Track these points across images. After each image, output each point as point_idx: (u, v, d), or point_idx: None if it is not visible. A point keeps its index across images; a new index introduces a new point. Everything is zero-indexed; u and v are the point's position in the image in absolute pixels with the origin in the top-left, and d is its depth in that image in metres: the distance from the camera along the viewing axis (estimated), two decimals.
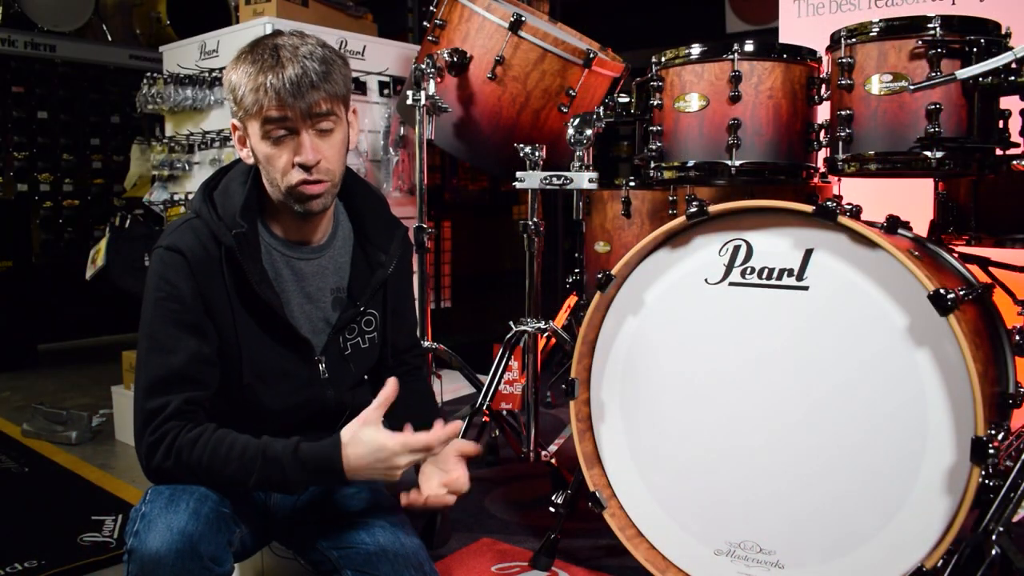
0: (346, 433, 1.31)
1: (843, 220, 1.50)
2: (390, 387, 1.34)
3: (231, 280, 1.38)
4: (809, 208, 1.54)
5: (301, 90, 1.32)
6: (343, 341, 1.53)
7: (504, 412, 2.34)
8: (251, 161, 1.42)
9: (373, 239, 1.55)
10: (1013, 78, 1.56)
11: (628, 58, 2.75)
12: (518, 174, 2.17)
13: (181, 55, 3.46)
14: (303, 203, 1.39)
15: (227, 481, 1.31)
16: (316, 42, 1.38)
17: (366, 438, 1.29)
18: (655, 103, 1.95)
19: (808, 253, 1.58)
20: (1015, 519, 1.44)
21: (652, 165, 1.95)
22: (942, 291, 1.39)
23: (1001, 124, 1.70)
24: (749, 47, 1.82)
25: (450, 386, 3.36)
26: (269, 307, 1.40)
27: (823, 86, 1.88)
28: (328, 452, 1.29)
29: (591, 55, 2.45)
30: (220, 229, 1.37)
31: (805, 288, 1.58)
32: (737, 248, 1.66)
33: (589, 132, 2.07)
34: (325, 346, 1.50)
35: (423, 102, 2.38)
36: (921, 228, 1.91)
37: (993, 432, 1.39)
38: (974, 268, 1.87)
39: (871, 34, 1.68)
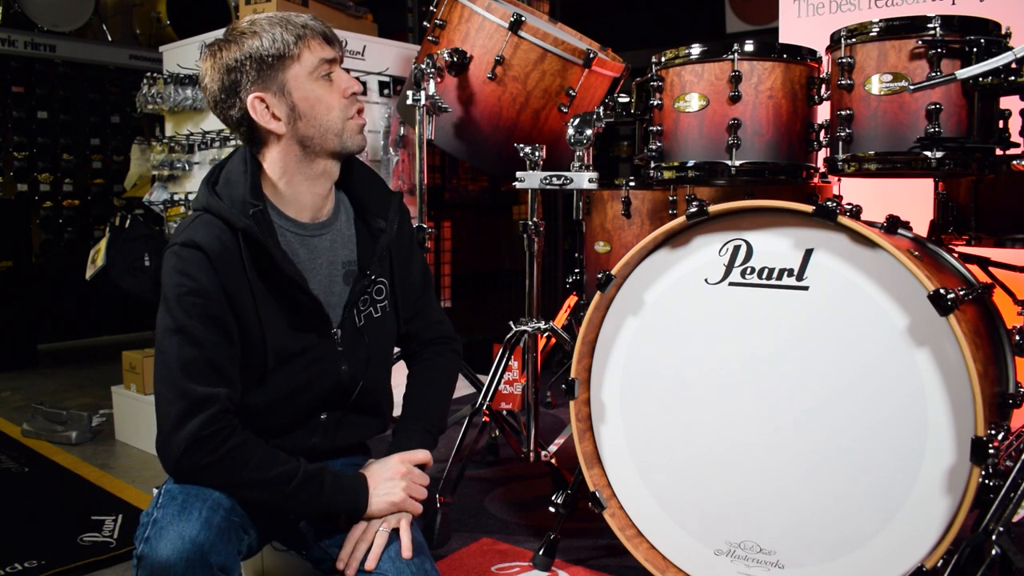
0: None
1: (843, 220, 1.50)
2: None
3: (251, 267, 1.38)
4: (809, 208, 1.54)
5: (331, 34, 1.46)
6: (357, 313, 1.53)
7: (504, 412, 2.34)
8: (283, 130, 1.42)
9: (371, 208, 1.56)
10: (1013, 78, 1.56)
11: (628, 58, 2.75)
12: (518, 174, 2.17)
13: (181, 55, 3.46)
14: (356, 136, 1.47)
15: (261, 488, 1.33)
16: None
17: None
18: (655, 103, 1.95)
19: (808, 253, 1.58)
20: (1015, 519, 1.44)
21: (652, 165, 1.95)
22: (942, 291, 1.39)
23: (1001, 124, 1.70)
24: (749, 47, 1.82)
25: None
26: (294, 285, 1.40)
27: (823, 86, 1.88)
28: (356, 476, 1.46)
29: (591, 55, 2.45)
30: (233, 215, 1.36)
31: (805, 288, 1.58)
32: (737, 248, 1.66)
33: (589, 132, 2.07)
34: (341, 320, 1.50)
35: (423, 102, 2.38)
36: (921, 228, 1.91)
37: (993, 432, 1.39)
38: (974, 268, 1.87)
39: (871, 34, 1.68)
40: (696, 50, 1.86)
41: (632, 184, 2.36)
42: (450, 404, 1.71)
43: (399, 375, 1.69)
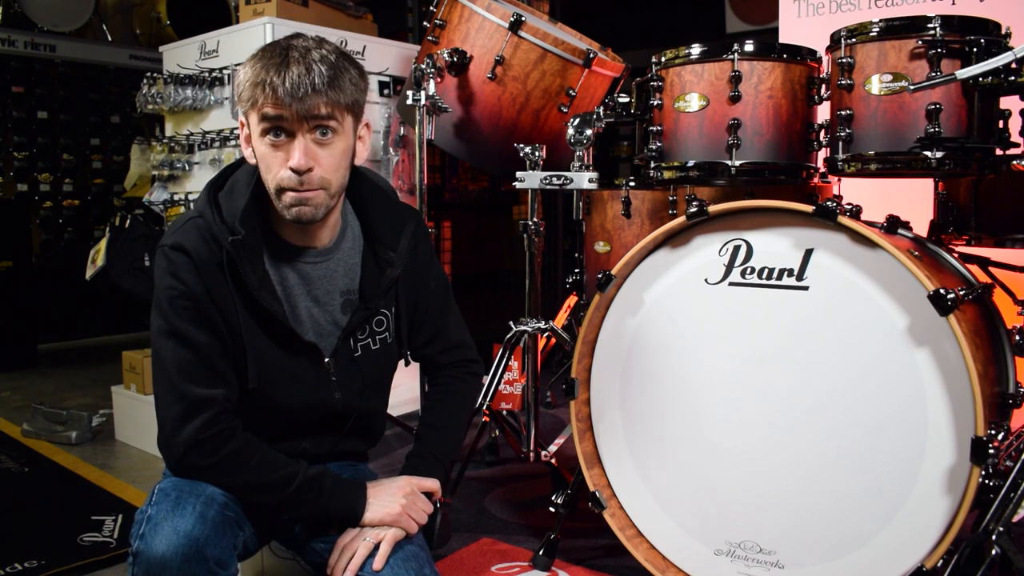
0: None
1: (843, 220, 1.50)
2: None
3: (234, 283, 1.37)
4: (809, 208, 1.54)
5: (299, 92, 1.28)
6: (353, 343, 1.51)
7: (504, 412, 2.34)
8: (254, 161, 1.40)
9: (381, 237, 1.52)
10: (1013, 78, 1.56)
11: (628, 58, 2.75)
12: (518, 174, 2.17)
13: (181, 55, 3.45)
14: (290, 209, 1.35)
15: (261, 491, 1.34)
16: (332, 49, 1.36)
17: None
18: (655, 103, 1.95)
19: (808, 253, 1.58)
20: (1015, 519, 1.44)
21: (652, 165, 1.95)
22: (942, 291, 1.39)
23: (1001, 124, 1.71)
24: (749, 47, 1.82)
25: None
26: (271, 313, 1.39)
27: (823, 86, 1.88)
28: (356, 483, 1.45)
29: (591, 55, 2.45)
30: (221, 233, 1.36)
31: (805, 288, 1.58)
32: (737, 248, 1.66)
33: (589, 132, 2.07)
34: (335, 350, 1.48)
35: (423, 102, 2.38)
36: (921, 228, 1.91)
37: (993, 432, 1.39)
38: (974, 268, 1.87)
39: (871, 34, 1.68)
40: (696, 50, 1.86)
41: (632, 184, 2.36)
42: (466, 431, 1.69)
43: (397, 377, 1.68)
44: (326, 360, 1.47)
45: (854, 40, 1.71)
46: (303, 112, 1.30)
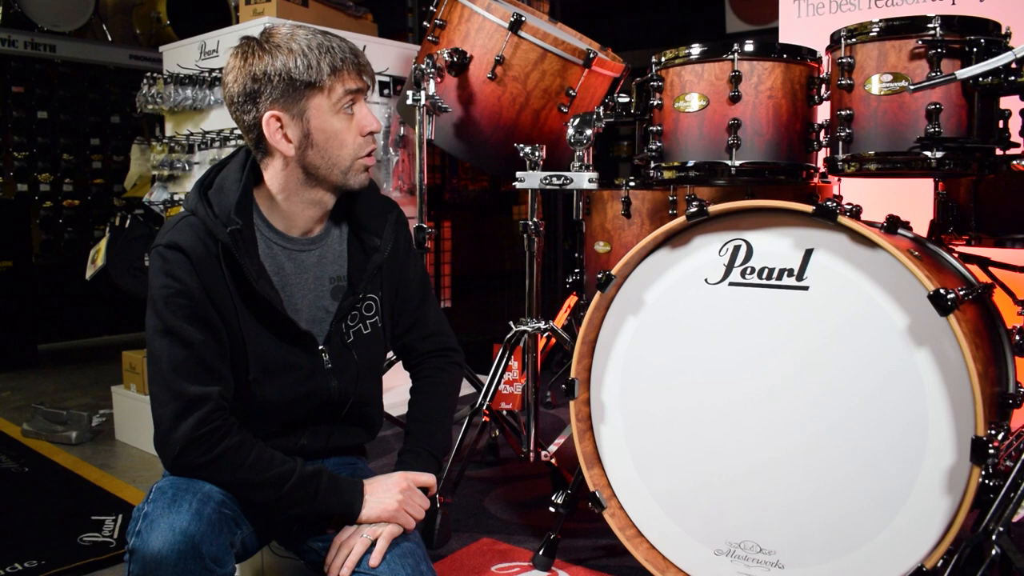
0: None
1: (843, 220, 1.50)
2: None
3: (230, 276, 1.38)
4: (809, 208, 1.54)
5: (364, 60, 1.43)
6: (345, 329, 1.52)
7: (504, 412, 2.34)
8: (291, 153, 1.40)
9: (366, 225, 1.55)
10: (1013, 78, 1.56)
11: (628, 58, 2.75)
12: (518, 174, 2.17)
13: (181, 55, 3.46)
14: (359, 176, 1.46)
15: (257, 488, 1.34)
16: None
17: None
18: (655, 103, 1.95)
19: (808, 253, 1.58)
20: (1015, 519, 1.44)
21: (652, 165, 1.95)
22: (942, 291, 1.39)
23: (1001, 124, 1.70)
24: (749, 47, 1.82)
25: None
26: (268, 303, 1.40)
27: (823, 86, 1.88)
28: (353, 481, 1.45)
29: (591, 55, 2.45)
30: (216, 226, 1.37)
31: (805, 288, 1.58)
32: (737, 248, 1.66)
33: (589, 132, 2.07)
34: (328, 336, 1.50)
35: (423, 102, 2.38)
36: (921, 228, 1.91)
37: (993, 432, 1.39)
38: (974, 268, 1.87)
39: (871, 34, 1.68)
40: (696, 50, 1.86)
41: (632, 184, 2.36)
42: (452, 421, 1.70)
43: (392, 379, 1.68)
44: (320, 347, 1.48)
45: (854, 40, 1.71)
46: (371, 80, 1.45)
